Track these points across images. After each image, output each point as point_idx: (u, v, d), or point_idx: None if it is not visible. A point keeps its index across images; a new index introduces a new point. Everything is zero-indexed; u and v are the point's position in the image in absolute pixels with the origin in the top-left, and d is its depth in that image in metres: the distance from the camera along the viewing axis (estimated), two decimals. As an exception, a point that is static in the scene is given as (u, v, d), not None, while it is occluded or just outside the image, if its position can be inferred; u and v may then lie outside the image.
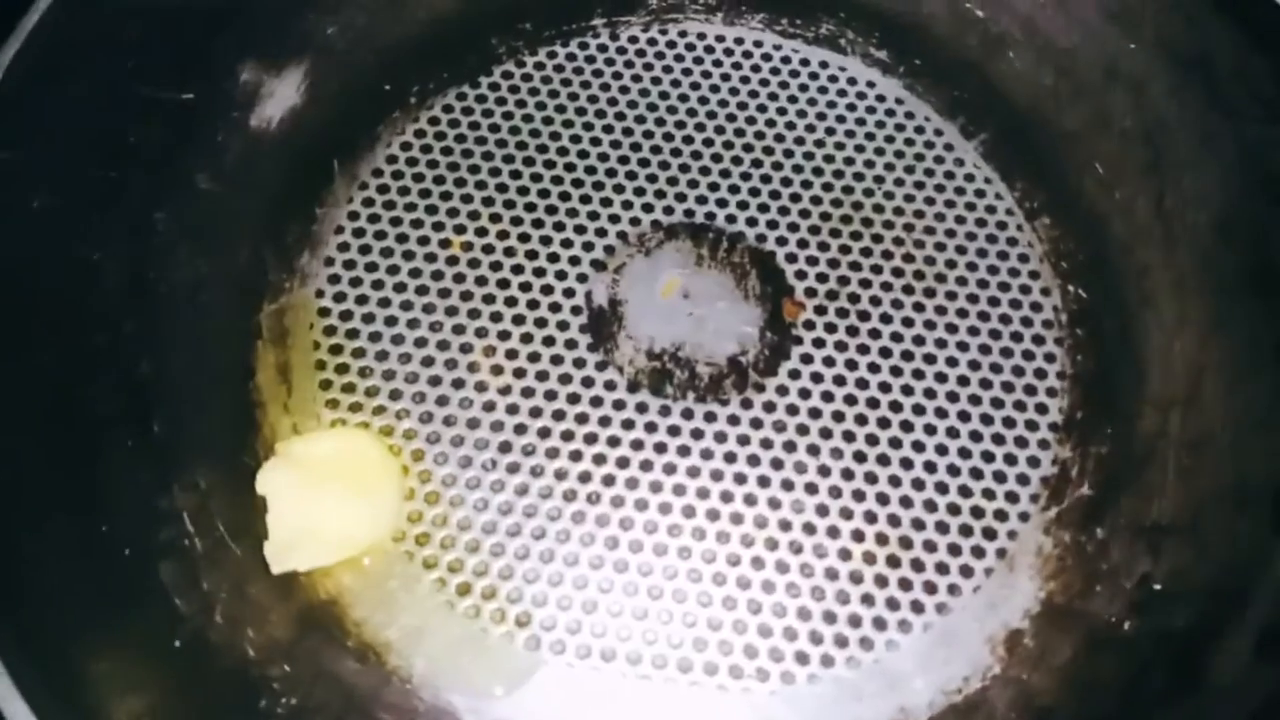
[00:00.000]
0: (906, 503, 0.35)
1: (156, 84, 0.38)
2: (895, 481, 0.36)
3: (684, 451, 0.36)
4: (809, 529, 0.35)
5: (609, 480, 0.35)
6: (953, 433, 0.37)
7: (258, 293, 0.38)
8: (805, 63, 0.44)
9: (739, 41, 0.44)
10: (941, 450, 0.36)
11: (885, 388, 0.37)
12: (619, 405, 0.36)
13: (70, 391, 0.33)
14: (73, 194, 0.35)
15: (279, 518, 0.32)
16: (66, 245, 0.35)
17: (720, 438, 0.36)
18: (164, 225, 0.37)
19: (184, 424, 0.35)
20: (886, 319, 0.38)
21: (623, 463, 0.36)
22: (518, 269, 0.39)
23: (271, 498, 0.32)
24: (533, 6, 0.44)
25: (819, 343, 0.38)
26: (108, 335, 0.35)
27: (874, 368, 0.37)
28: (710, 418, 0.36)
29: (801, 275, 0.39)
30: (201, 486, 0.34)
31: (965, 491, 0.36)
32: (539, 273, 0.39)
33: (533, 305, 0.38)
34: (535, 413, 0.36)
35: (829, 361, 0.37)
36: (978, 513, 0.35)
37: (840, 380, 0.37)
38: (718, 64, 0.44)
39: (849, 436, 0.36)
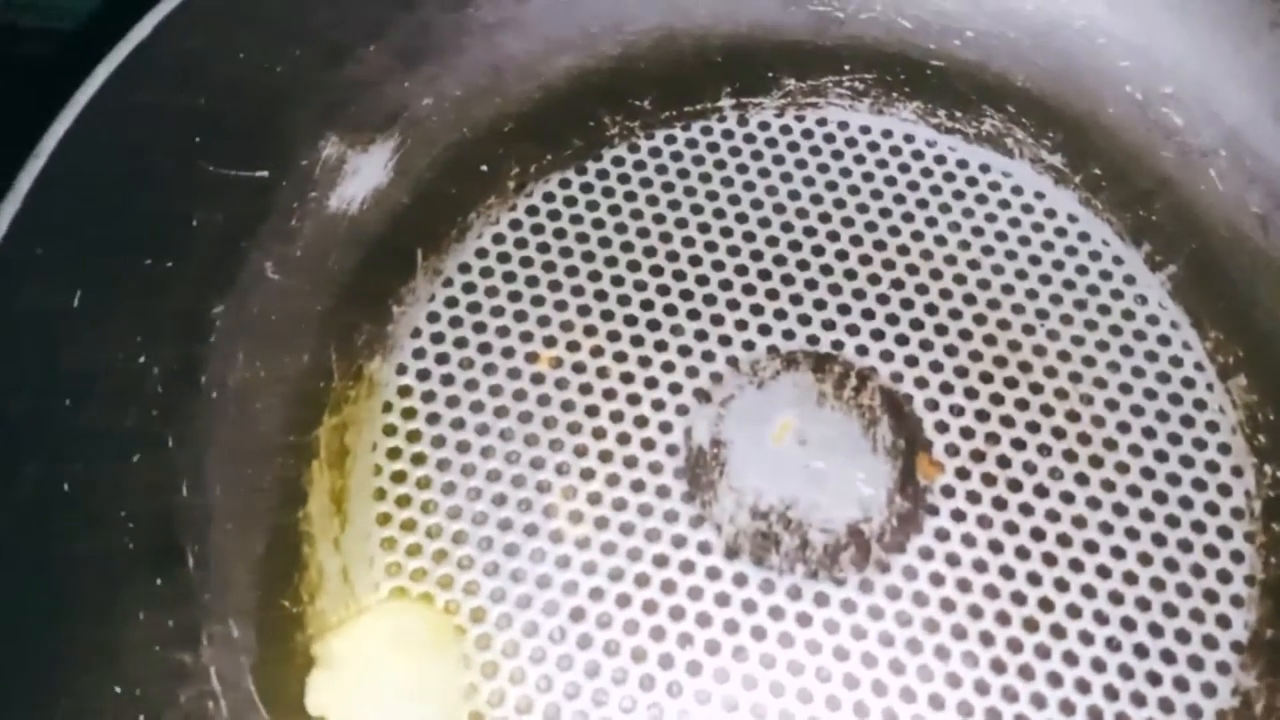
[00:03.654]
0: (1050, 728, 0.29)
1: (226, 160, 0.34)
2: (1039, 702, 0.30)
3: (786, 641, 0.30)
4: (929, 751, 0.29)
5: (694, 669, 0.30)
6: (1113, 644, 0.30)
7: (319, 403, 0.34)
8: (963, 164, 0.38)
9: (887, 134, 0.38)
10: (1098, 666, 0.30)
11: (1034, 579, 0.31)
12: (713, 574, 0.31)
13: (94, 521, 0.29)
14: (122, 287, 0.31)
15: None
16: (109, 348, 0.31)
17: (831, 627, 0.31)
18: (222, 321, 0.33)
19: (222, 560, 0.31)
20: (1041, 491, 0.32)
21: (712, 648, 0.30)
22: (610, 394, 0.34)
23: (330, 717, 0.28)
24: (652, 81, 0.39)
25: (958, 515, 0.32)
26: (145, 452, 0.31)
27: (1022, 553, 0.31)
28: (821, 600, 0.31)
29: (942, 428, 0.33)
30: (235, 636, 0.30)
31: (1124, 721, 0.29)
32: (634, 400, 0.34)
33: (623, 440, 0.33)
34: (615, 575, 0.31)
35: (969, 540, 0.32)
36: (1138, 749, 0.29)
37: (981, 566, 0.31)
38: (860, 160, 0.38)
39: (986, 639, 0.30)
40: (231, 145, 0.34)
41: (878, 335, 0.35)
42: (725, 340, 0.35)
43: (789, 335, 0.35)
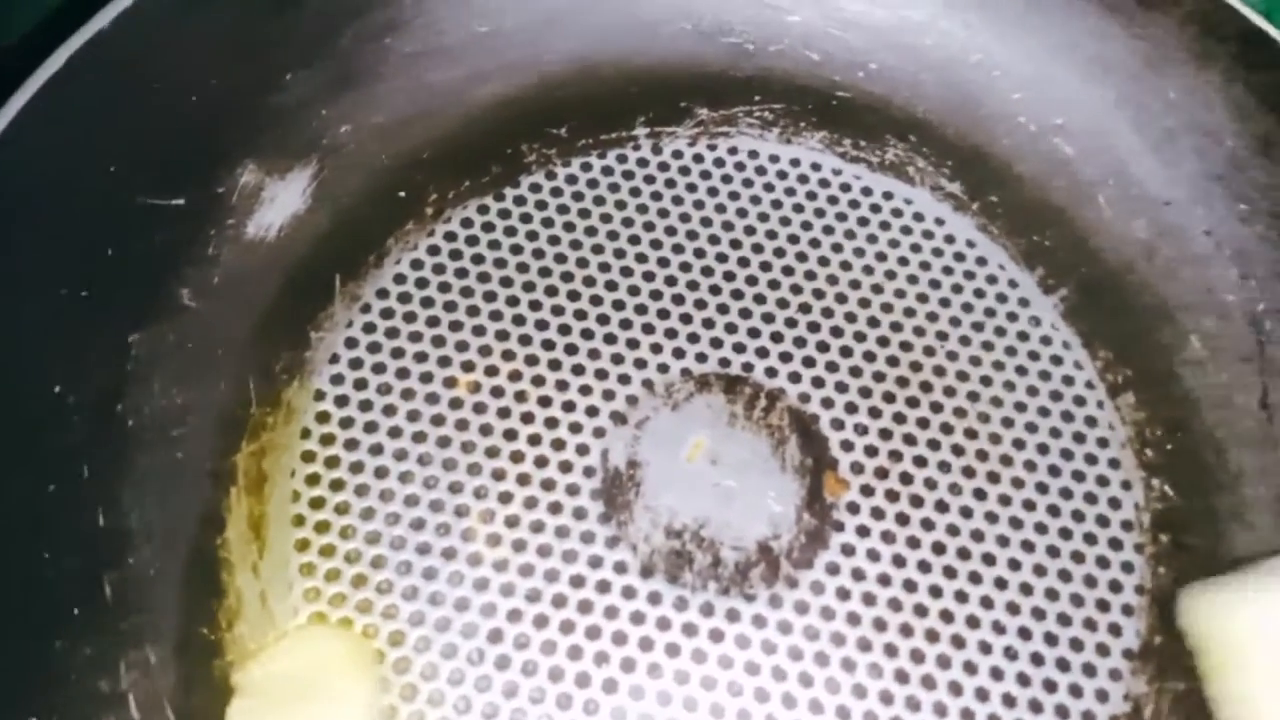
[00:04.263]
0: (951, 734, 0.31)
1: (143, 189, 0.34)
2: (940, 710, 0.31)
3: (699, 657, 0.31)
4: (836, 760, 0.30)
5: (610, 686, 0.31)
6: (1010, 654, 0.32)
7: (238, 430, 0.34)
8: (868, 191, 0.39)
9: (795, 163, 0.40)
10: (996, 674, 0.31)
11: (936, 592, 0.32)
12: (629, 593, 0.32)
13: (7, 550, 0.29)
14: (37, 319, 0.31)
15: None
16: (24, 376, 0.31)
17: (742, 642, 0.32)
18: (139, 350, 0.33)
19: (139, 587, 0.31)
20: (942, 507, 0.34)
21: (628, 665, 0.31)
22: (527, 417, 0.35)
23: None
24: (570, 110, 0.40)
25: (863, 531, 0.33)
26: (60, 482, 0.31)
27: (924, 566, 0.33)
28: (733, 616, 0.32)
29: (847, 446, 0.34)
30: (152, 662, 0.30)
31: (1020, 726, 0.31)
32: (551, 423, 0.34)
33: (541, 463, 0.34)
34: (532, 596, 0.32)
35: (873, 555, 0.33)
36: (1033, 752, 0.31)
37: (885, 579, 0.33)
38: (769, 187, 0.39)
39: (890, 650, 0.32)
40: (148, 174, 0.34)
41: (786, 358, 0.36)
42: (640, 364, 0.36)
43: (701, 358, 0.36)
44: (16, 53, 0.35)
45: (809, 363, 0.36)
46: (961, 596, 0.32)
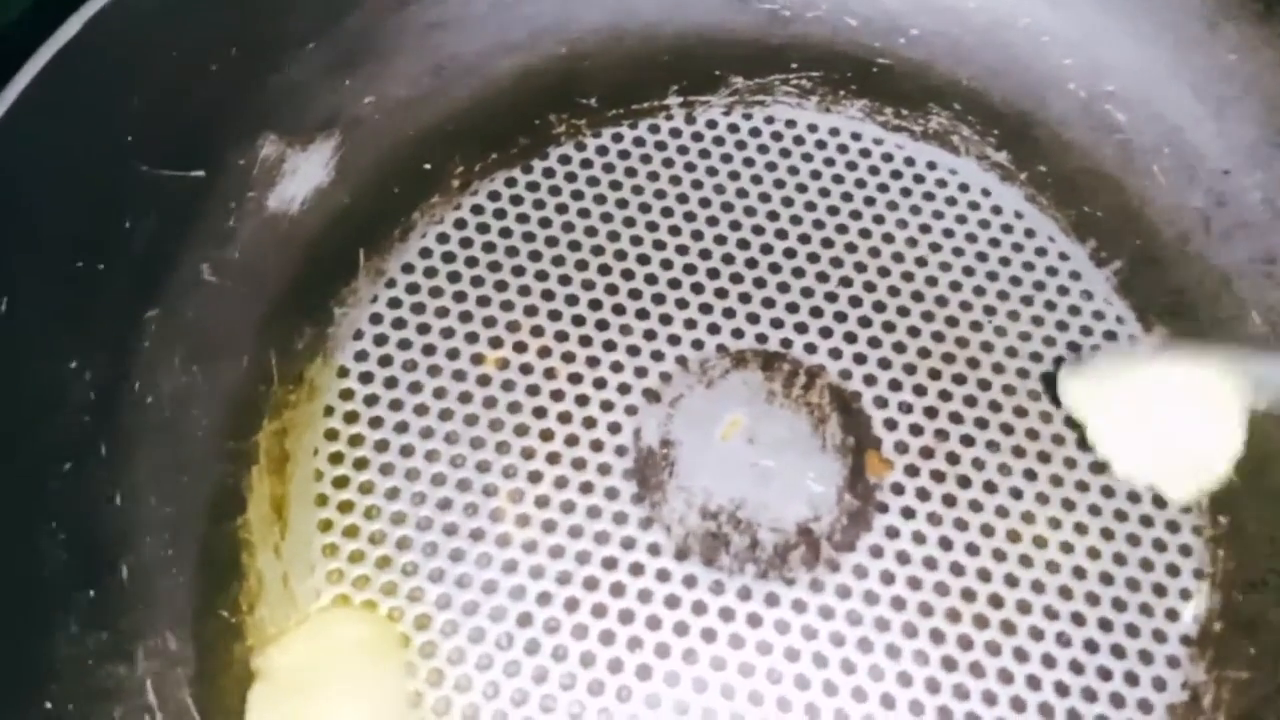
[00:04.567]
0: (1002, 725, 0.29)
1: (160, 160, 0.33)
2: (990, 699, 0.30)
3: (736, 642, 0.30)
4: (881, 751, 0.29)
5: (644, 672, 0.30)
6: (1063, 640, 0.30)
7: (258, 409, 0.33)
8: (910, 161, 0.38)
9: (834, 132, 0.38)
10: (1048, 662, 0.30)
11: (985, 575, 0.31)
12: (663, 576, 0.31)
13: (18, 535, 0.28)
14: (52, 292, 0.30)
15: None
16: (39, 353, 0.30)
17: (782, 627, 0.30)
18: (156, 325, 0.32)
19: (157, 571, 0.30)
20: (990, 488, 0.32)
21: (662, 651, 0.30)
22: (557, 394, 0.33)
23: None
24: (599, 80, 0.38)
25: (908, 513, 0.32)
26: (74, 462, 0.30)
27: (973, 549, 0.31)
28: (771, 600, 0.31)
29: (891, 425, 0.33)
30: (171, 649, 0.29)
31: (1074, 716, 0.29)
32: (582, 400, 0.33)
33: (571, 441, 0.33)
34: (563, 579, 0.31)
35: (919, 538, 0.31)
36: (1088, 743, 0.29)
37: (931, 563, 0.31)
38: (808, 158, 0.37)
39: (937, 636, 0.30)
40: (165, 145, 0.33)
41: (826, 333, 0.34)
42: (674, 340, 0.34)
43: (738, 334, 0.34)
44: (15, 31, 0.34)
45: (850, 338, 0.34)
46: (1011, 581, 0.31)
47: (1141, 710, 0.29)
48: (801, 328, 0.34)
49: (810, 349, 0.34)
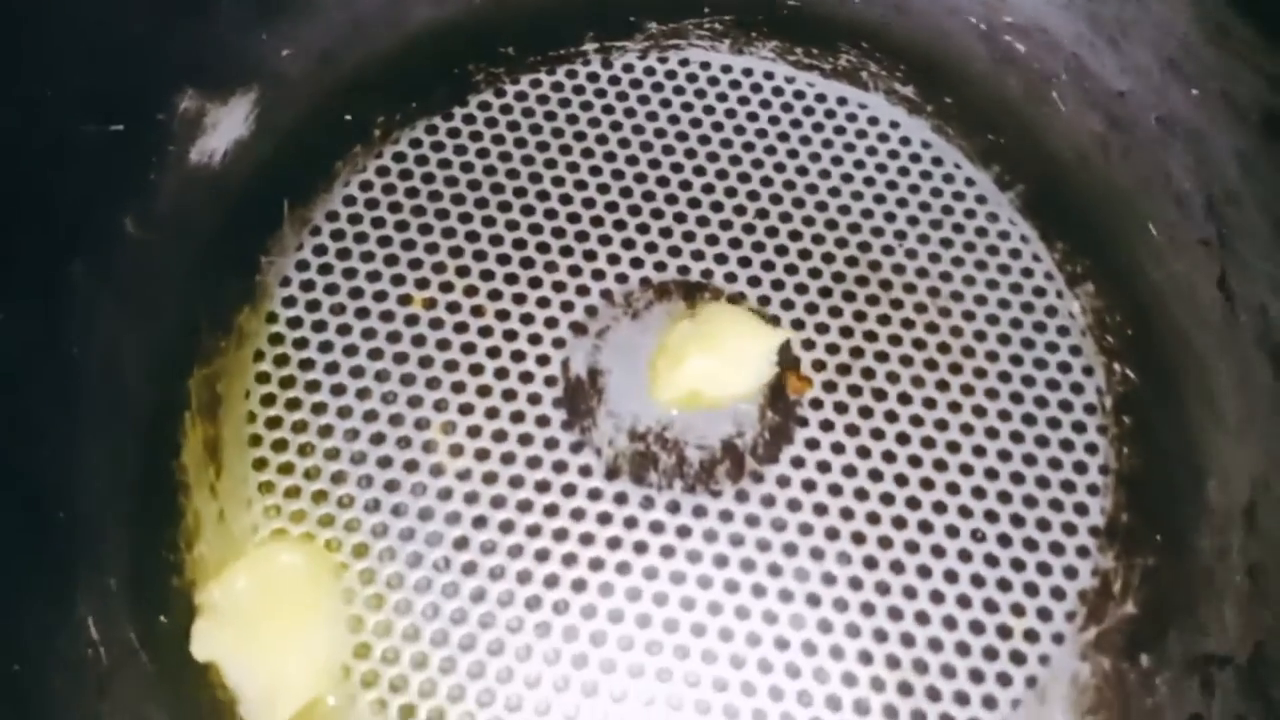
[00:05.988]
0: (922, 618, 0.31)
1: (79, 115, 0.33)
2: (910, 593, 0.31)
3: (668, 552, 0.31)
4: (809, 648, 0.30)
5: (579, 585, 0.31)
6: (978, 536, 0.32)
7: (188, 356, 0.33)
8: (821, 98, 0.39)
9: (747, 73, 0.39)
10: (964, 556, 0.31)
11: (902, 480, 0.32)
12: (594, 495, 0.32)
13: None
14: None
15: (241, 681, 0.29)
16: (-38, 303, 0.30)
17: (710, 536, 0.31)
18: (81, 279, 0.33)
19: (94, 514, 0.30)
20: (905, 399, 0.33)
21: (596, 565, 0.31)
22: (485, 331, 0.34)
23: (219, 663, 0.29)
24: (516, 29, 0.39)
25: (827, 425, 0.33)
26: (6, 412, 0.30)
27: (889, 456, 0.33)
28: (699, 512, 0.32)
29: (809, 345, 0.34)
30: (112, 587, 0.30)
31: (991, 606, 0.31)
32: (510, 336, 0.34)
33: (501, 374, 0.33)
34: (497, 502, 0.32)
35: (838, 448, 0.33)
36: (1005, 632, 0.31)
37: (850, 470, 0.32)
38: (722, 98, 0.39)
39: (858, 538, 0.31)
40: (82, 100, 0.33)
41: (745, 262, 0.36)
42: (598, 274, 0.35)
43: (660, 267, 0.35)
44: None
45: (768, 266, 0.35)
46: (927, 484, 0.32)
47: (1054, 597, 0.31)
48: (721, 258, 0.36)
49: (730, 278, 0.35)
